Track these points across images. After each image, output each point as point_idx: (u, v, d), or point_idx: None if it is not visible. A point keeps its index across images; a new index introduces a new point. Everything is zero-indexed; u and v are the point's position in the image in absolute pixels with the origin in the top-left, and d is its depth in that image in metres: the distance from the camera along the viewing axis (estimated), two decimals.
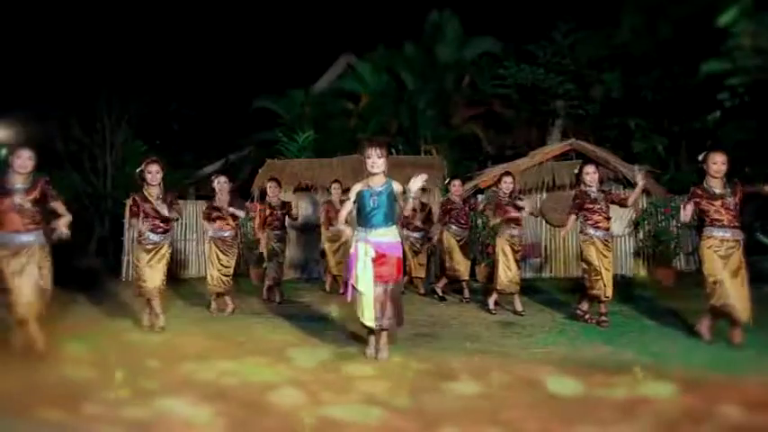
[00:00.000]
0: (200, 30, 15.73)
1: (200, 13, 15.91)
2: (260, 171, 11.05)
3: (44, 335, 4.85)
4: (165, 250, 5.92)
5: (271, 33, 15.46)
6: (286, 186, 10.39)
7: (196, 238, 11.53)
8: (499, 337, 5.77)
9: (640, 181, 5.88)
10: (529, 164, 10.59)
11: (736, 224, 5.14)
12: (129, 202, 5.95)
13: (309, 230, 10.62)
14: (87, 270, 10.28)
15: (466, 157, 13.09)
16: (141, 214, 5.77)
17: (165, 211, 5.78)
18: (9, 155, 4.97)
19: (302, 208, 10.44)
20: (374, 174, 4.75)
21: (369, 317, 4.66)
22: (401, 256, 4.90)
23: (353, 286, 4.74)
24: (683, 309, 6.64)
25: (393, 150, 12.57)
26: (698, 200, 5.21)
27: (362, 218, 4.78)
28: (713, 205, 5.15)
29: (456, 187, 8.14)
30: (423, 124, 13.18)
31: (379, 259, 4.67)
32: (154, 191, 5.85)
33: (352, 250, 4.80)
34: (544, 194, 10.53)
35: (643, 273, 10.13)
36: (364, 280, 4.66)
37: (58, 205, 5.03)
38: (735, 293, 5.01)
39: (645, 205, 10.10)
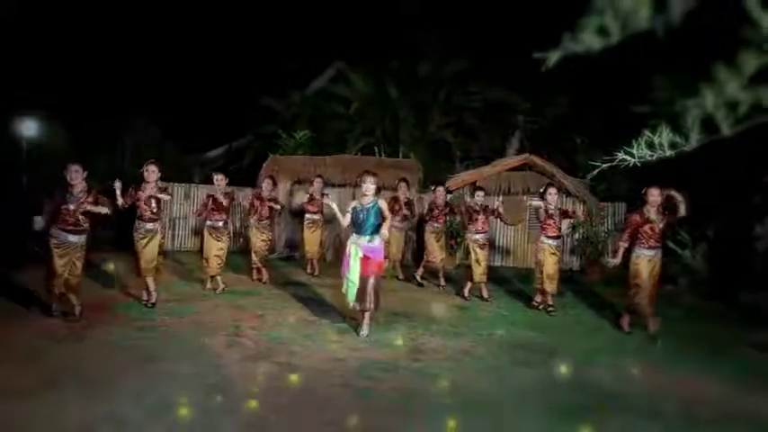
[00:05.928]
0: (202, 27, 16.59)
1: (206, 14, 16.70)
2: (264, 165, 12.56)
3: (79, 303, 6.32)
4: (158, 235, 6.99)
5: (270, 39, 16.58)
6: (285, 179, 12.10)
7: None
8: (456, 320, 7.16)
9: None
10: (490, 172, 12.67)
11: None
12: (130, 191, 6.87)
13: (299, 217, 12.27)
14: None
15: (438, 159, 14.92)
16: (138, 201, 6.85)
17: (153, 205, 6.90)
18: (64, 170, 6.10)
19: (298, 198, 12.09)
20: (366, 195, 6.11)
21: (353, 300, 6.11)
22: (382, 258, 6.30)
23: (347, 277, 6.13)
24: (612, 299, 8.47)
25: (376, 151, 14.49)
26: None
27: (355, 227, 6.14)
28: None
29: (439, 193, 9.48)
30: (403, 130, 14.91)
31: (365, 260, 6.06)
32: (149, 187, 6.90)
33: (347, 250, 6.17)
34: (501, 198, 12.52)
35: (577, 267, 12.32)
36: (354, 273, 6.05)
37: (104, 203, 6.22)
38: None
39: (581, 213, 12.23)
